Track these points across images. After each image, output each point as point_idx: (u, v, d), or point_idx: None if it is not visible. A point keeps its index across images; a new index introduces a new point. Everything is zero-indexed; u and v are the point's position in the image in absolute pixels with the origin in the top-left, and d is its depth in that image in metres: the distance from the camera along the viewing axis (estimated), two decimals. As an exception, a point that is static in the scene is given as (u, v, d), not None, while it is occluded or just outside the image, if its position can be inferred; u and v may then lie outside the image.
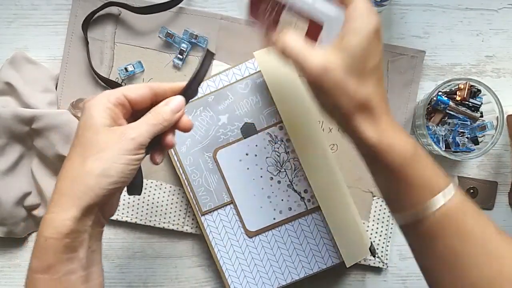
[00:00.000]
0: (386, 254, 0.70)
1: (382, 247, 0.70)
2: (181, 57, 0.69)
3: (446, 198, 0.46)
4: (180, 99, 0.49)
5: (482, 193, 0.71)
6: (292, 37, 0.46)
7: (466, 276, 0.45)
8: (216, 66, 0.69)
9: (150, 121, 0.47)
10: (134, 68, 0.69)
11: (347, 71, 0.44)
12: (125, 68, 0.69)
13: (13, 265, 0.70)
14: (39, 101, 0.67)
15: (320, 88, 0.45)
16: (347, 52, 0.44)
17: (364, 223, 0.70)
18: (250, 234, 0.66)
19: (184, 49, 0.69)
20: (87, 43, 0.69)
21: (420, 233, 0.47)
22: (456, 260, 0.45)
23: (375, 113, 0.46)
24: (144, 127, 0.46)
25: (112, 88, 0.69)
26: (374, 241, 0.70)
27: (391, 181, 0.47)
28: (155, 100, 0.49)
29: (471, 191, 0.71)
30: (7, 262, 0.70)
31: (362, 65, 0.45)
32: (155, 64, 0.70)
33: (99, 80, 0.69)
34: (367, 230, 0.70)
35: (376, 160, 0.47)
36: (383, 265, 0.70)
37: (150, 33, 0.70)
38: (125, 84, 0.69)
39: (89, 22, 0.69)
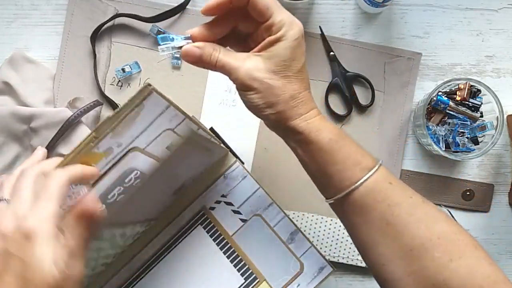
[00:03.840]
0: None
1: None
2: (178, 56, 0.69)
3: (373, 171, 0.49)
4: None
5: (478, 196, 0.71)
6: (216, 50, 0.49)
7: (399, 241, 0.48)
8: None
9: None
10: (131, 69, 0.69)
11: (275, 74, 0.48)
12: (122, 69, 0.69)
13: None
14: (37, 100, 0.67)
15: (251, 90, 0.49)
16: (274, 59, 0.48)
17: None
18: None
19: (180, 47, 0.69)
20: (94, 56, 0.69)
21: (351, 208, 0.50)
22: (388, 228, 0.49)
23: (302, 108, 0.50)
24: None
25: (108, 100, 0.69)
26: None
27: (322, 164, 0.50)
28: None
29: (467, 193, 0.71)
30: None
31: (288, 69, 0.49)
32: (153, 64, 0.70)
33: (98, 85, 0.69)
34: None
35: (306, 146, 0.50)
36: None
37: (147, 32, 0.70)
38: (122, 85, 0.70)
39: (97, 34, 0.69)
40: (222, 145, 0.63)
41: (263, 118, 0.51)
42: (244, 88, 0.49)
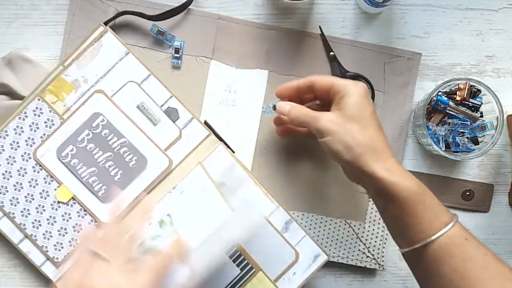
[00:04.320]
0: (382, 256, 0.70)
1: (378, 249, 0.70)
2: (177, 55, 0.69)
3: (449, 227, 0.52)
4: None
5: (478, 196, 0.71)
6: (302, 108, 0.59)
7: None
8: (215, 66, 0.70)
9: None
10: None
11: (349, 120, 0.55)
12: (123, 70, 0.69)
13: (12, 265, 0.70)
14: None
15: (329, 135, 0.55)
16: (346, 109, 0.56)
17: (360, 225, 0.70)
18: None
19: (179, 47, 0.69)
20: None
21: (424, 259, 0.53)
22: (461, 283, 0.51)
23: (381, 154, 0.54)
24: None
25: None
26: (370, 243, 0.70)
27: (400, 214, 0.53)
28: None
29: (467, 193, 0.71)
30: (7, 262, 0.70)
31: (360, 116, 0.55)
32: (153, 64, 0.69)
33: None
34: (363, 232, 0.70)
35: (386, 194, 0.53)
36: (379, 267, 0.70)
37: (147, 32, 0.70)
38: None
39: None
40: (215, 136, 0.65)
41: (343, 162, 0.56)
42: (324, 134, 0.55)
